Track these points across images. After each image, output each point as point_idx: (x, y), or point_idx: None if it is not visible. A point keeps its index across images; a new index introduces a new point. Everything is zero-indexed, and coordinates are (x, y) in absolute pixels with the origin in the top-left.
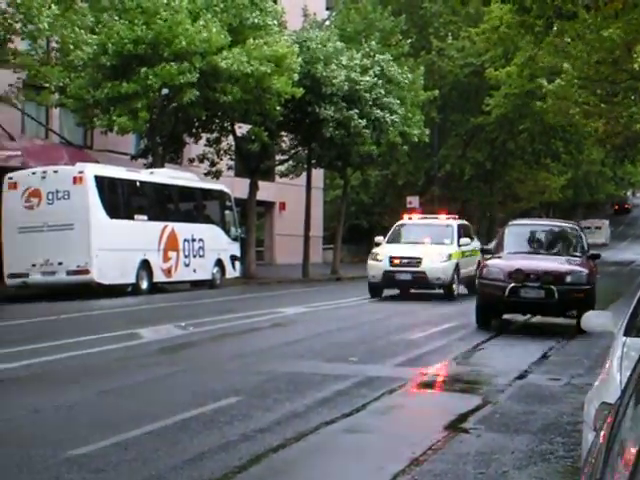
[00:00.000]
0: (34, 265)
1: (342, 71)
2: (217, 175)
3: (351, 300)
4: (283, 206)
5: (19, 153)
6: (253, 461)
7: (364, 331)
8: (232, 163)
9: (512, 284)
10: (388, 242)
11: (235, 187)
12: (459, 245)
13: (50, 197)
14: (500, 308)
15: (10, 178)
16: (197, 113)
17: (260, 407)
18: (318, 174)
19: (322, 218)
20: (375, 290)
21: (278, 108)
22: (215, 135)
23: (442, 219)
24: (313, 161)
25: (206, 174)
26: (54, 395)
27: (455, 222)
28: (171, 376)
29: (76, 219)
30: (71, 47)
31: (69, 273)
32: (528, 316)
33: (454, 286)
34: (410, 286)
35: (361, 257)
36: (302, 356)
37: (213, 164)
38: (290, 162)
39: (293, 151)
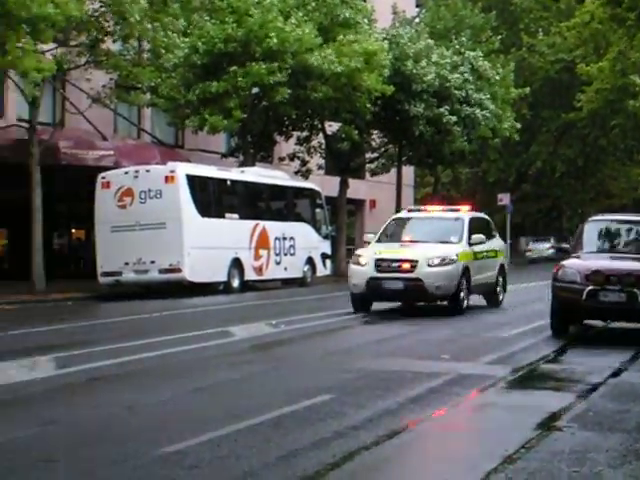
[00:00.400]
0: (127, 264)
1: (432, 68)
2: (307, 174)
3: None
4: (373, 204)
5: (112, 153)
6: (346, 458)
7: (455, 328)
8: (322, 161)
9: (590, 287)
10: (378, 241)
11: (325, 185)
12: (470, 244)
13: (142, 196)
14: (577, 313)
15: (103, 177)
16: (287, 112)
17: (352, 405)
18: (408, 171)
19: None
20: (359, 303)
21: (368, 106)
22: (305, 133)
23: (450, 211)
24: (403, 158)
25: (296, 172)
26: (148, 392)
27: (467, 215)
28: (263, 374)
29: (168, 218)
30: (162, 51)
31: (161, 271)
32: (608, 321)
33: (462, 296)
34: (402, 298)
35: None
36: (393, 354)
37: (304, 163)
38: (380, 160)
39: (383, 149)
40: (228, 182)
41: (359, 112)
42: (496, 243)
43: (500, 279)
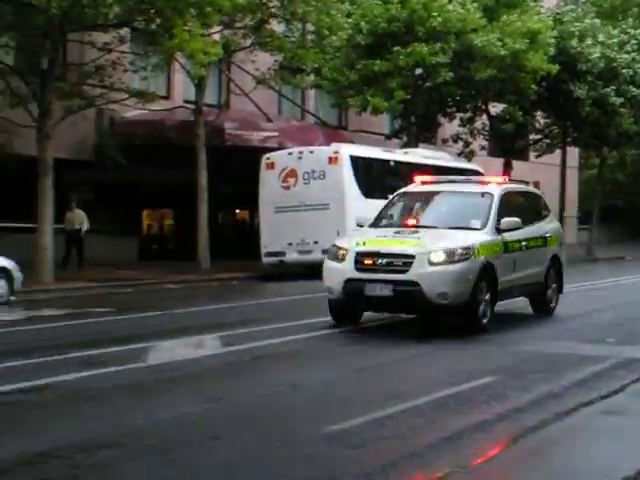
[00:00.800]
0: (290, 244)
1: (597, 48)
2: (470, 155)
3: (607, 281)
4: (537, 186)
5: (276, 134)
6: (510, 441)
7: (621, 312)
8: (485, 143)
9: None
10: (373, 225)
11: (488, 167)
12: (498, 230)
13: (306, 177)
14: None
15: (267, 158)
16: (451, 92)
17: (516, 387)
18: (573, 153)
19: (577, 198)
20: (338, 311)
21: (533, 86)
22: (469, 115)
23: (477, 183)
24: (568, 139)
25: (459, 154)
26: (312, 371)
27: (499, 189)
28: (427, 354)
29: (331, 199)
30: (326, 32)
31: (325, 252)
32: None
33: (481, 308)
34: (391, 308)
35: (614, 237)
36: (558, 337)
37: (467, 144)
38: (544, 141)
39: (547, 130)
40: (391, 163)
41: (523, 93)
42: (546, 226)
43: (552, 276)
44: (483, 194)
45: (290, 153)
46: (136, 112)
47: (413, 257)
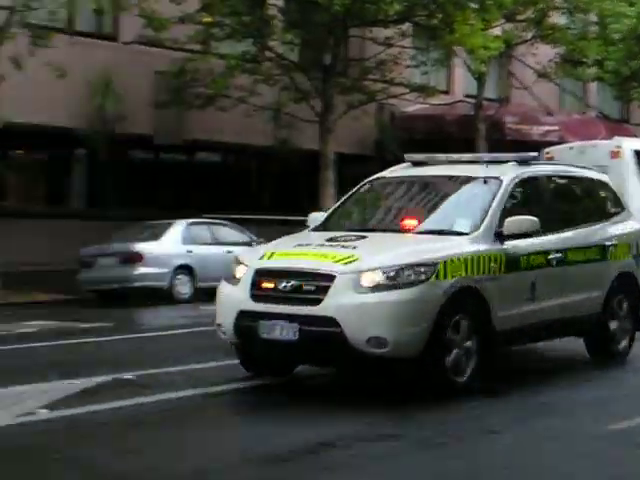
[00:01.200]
0: None
1: None
2: None
3: None
4: None
5: (557, 128)
6: None
7: None
8: None
9: None
10: (316, 228)
11: None
12: (500, 235)
13: None
14: None
15: (547, 152)
16: None
17: None
18: None
19: None
20: (244, 357)
21: None
22: None
23: (488, 164)
24: None
25: None
26: (592, 371)
27: (514, 171)
28: None
29: None
30: (608, 20)
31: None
32: None
33: (450, 359)
34: (298, 359)
35: None
36: None
37: None
38: None
39: None
40: None
41: None
42: (609, 230)
43: (621, 304)
44: (486, 180)
45: (571, 148)
46: (416, 107)
47: (332, 278)
